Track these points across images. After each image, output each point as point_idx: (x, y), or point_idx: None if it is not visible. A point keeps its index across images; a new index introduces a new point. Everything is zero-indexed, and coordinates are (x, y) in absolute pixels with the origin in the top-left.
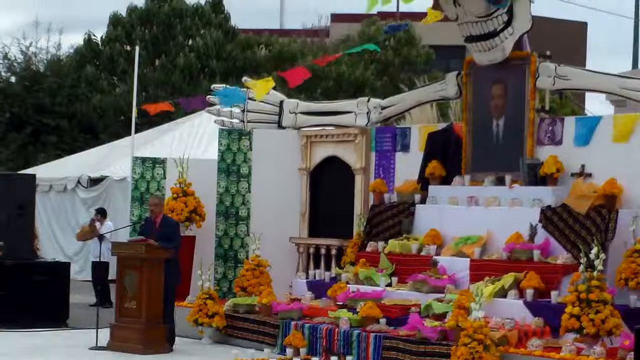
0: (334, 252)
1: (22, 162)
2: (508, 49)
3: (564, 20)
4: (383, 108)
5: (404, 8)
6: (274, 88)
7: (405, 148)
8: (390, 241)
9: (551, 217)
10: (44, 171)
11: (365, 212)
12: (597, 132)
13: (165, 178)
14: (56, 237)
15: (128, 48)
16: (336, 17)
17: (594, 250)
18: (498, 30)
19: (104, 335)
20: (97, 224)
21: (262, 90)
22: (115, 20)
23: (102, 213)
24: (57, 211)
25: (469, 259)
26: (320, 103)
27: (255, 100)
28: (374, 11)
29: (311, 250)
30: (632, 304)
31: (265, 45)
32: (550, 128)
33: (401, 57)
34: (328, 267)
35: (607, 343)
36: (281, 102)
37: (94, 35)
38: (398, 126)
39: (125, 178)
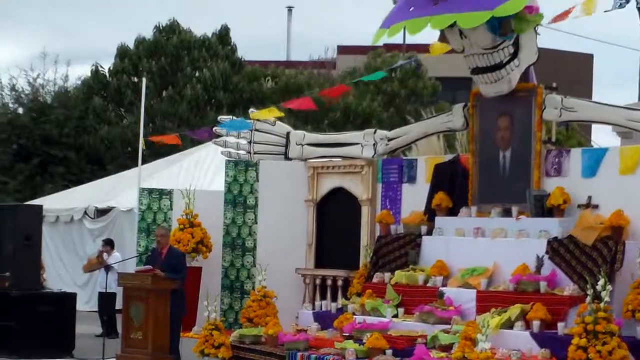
0: (340, 283)
1: (29, 193)
2: (514, 81)
3: (570, 52)
4: (390, 139)
5: (410, 40)
6: (281, 119)
7: (412, 179)
8: (396, 272)
9: (558, 249)
10: (51, 202)
11: (372, 243)
12: (603, 163)
13: (171, 209)
14: (65, 268)
15: (135, 80)
16: (342, 49)
17: (601, 282)
18: (504, 62)
19: None
20: (105, 254)
21: (264, 116)
22: (122, 52)
23: (110, 244)
24: (65, 242)
25: (475, 290)
26: (326, 135)
27: (260, 131)
28: (380, 43)
29: (317, 281)
30: (639, 336)
31: (272, 77)
32: (556, 160)
33: (407, 89)
34: (334, 298)
35: None
36: (288, 133)
37: (102, 67)
38: (404, 157)
39: (132, 209)
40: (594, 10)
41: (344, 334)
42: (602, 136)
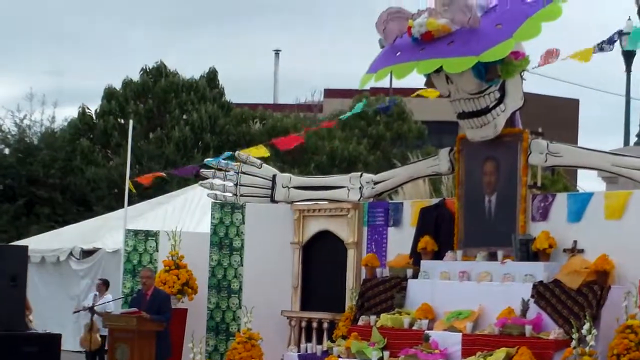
0: (325, 325)
1: (14, 233)
2: (500, 126)
3: (556, 97)
4: (376, 183)
5: (397, 84)
6: (267, 162)
7: (398, 223)
8: (382, 315)
9: (543, 293)
10: (36, 243)
11: (358, 286)
12: (589, 208)
13: (157, 251)
14: (53, 308)
15: (122, 121)
16: (329, 93)
17: (586, 326)
18: (490, 107)
19: None
20: (96, 294)
21: (252, 153)
22: (109, 94)
23: (106, 284)
24: (52, 283)
25: (461, 334)
26: (313, 178)
27: (246, 174)
28: (367, 87)
29: (303, 323)
30: None
31: (260, 120)
32: (542, 204)
33: (393, 132)
34: (320, 341)
35: None
36: (274, 176)
37: (88, 109)
38: (390, 201)
39: (117, 250)
40: (590, 58)
41: None
42: (588, 181)
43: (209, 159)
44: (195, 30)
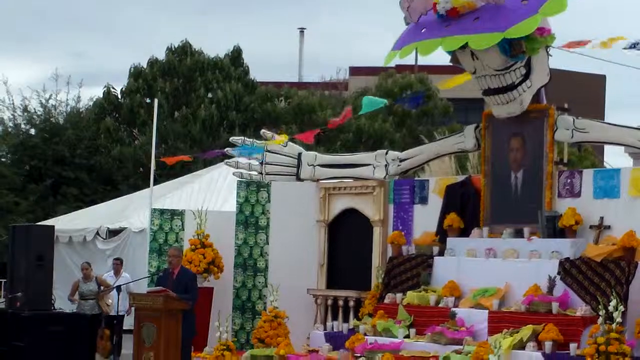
0: (352, 303)
1: (41, 213)
2: (526, 102)
3: (582, 73)
4: (401, 160)
5: (422, 61)
6: (293, 140)
7: (424, 200)
8: (408, 293)
9: (570, 270)
10: (63, 223)
11: (384, 264)
12: (615, 184)
13: (183, 230)
14: None
15: (148, 100)
16: (354, 70)
17: (613, 303)
18: (516, 83)
19: None
20: (109, 275)
21: (275, 142)
22: (135, 73)
23: (122, 263)
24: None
25: (487, 311)
26: (338, 155)
27: (271, 152)
28: (392, 64)
29: (329, 301)
30: None
31: (285, 98)
32: (568, 180)
33: (418, 109)
34: (346, 319)
35: None
36: (299, 154)
37: (113, 88)
38: (416, 178)
39: (144, 229)
40: (610, 46)
41: (356, 355)
42: (616, 157)
43: (234, 138)
44: (220, 9)
